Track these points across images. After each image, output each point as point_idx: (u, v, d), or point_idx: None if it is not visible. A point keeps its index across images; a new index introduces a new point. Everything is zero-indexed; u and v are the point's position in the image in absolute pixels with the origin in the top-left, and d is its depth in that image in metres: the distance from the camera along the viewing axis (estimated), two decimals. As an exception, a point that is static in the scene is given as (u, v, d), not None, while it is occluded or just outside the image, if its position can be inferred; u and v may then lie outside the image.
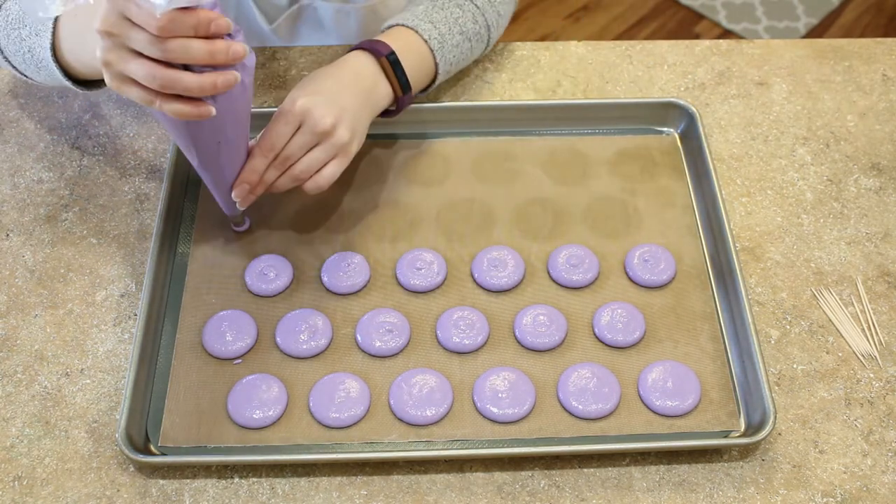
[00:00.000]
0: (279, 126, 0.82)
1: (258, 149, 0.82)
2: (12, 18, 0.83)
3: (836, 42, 1.13)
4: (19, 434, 0.80)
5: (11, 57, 0.85)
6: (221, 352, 0.83)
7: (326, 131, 0.82)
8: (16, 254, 0.91)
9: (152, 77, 0.66)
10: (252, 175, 0.82)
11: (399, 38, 0.91)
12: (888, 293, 0.89)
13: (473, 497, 0.76)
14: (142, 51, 0.66)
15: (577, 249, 0.90)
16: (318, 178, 0.84)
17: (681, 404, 0.80)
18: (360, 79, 0.87)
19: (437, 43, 0.94)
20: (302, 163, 0.83)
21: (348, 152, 0.85)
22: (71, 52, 0.79)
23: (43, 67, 0.82)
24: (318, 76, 0.86)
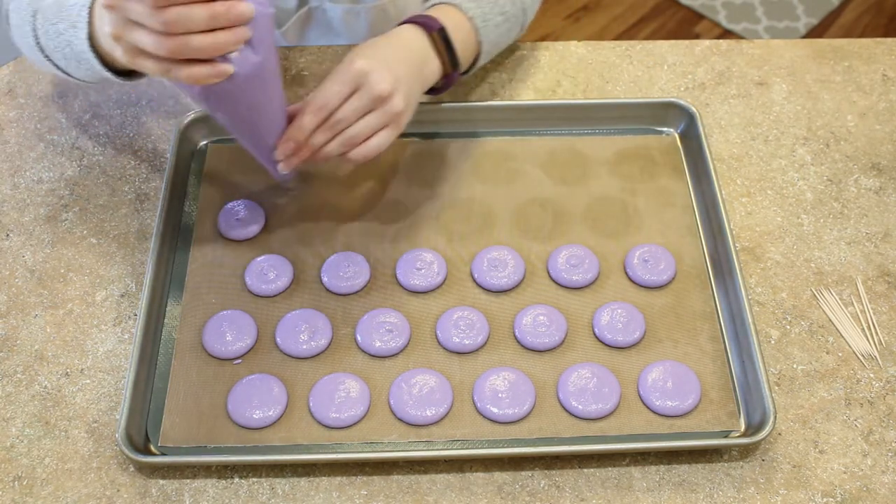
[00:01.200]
0: (334, 85, 0.79)
1: (308, 106, 0.80)
2: (50, 14, 0.82)
3: (836, 42, 1.13)
4: (19, 434, 0.80)
5: (52, 54, 0.84)
6: (221, 352, 0.83)
7: (383, 97, 0.79)
8: (16, 254, 0.91)
9: (160, 45, 0.65)
10: (298, 133, 0.80)
11: (446, 15, 0.90)
12: (888, 293, 0.89)
13: (473, 497, 0.76)
14: (143, 23, 0.65)
15: (577, 249, 0.90)
16: (366, 145, 0.81)
17: (681, 404, 0.80)
18: (413, 52, 0.85)
19: (481, 22, 0.93)
20: (354, 127, 0.80)
21: (400, 123, 0.82)
22: (107, 40, 0.77)
23: (83, 60, 0.81)
24: (374, 44, 0.84)
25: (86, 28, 0.79)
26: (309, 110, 0.80)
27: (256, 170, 0.97)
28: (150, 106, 1.04)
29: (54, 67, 0.87)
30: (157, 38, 0.65)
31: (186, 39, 0.65)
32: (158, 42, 0.65)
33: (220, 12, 0.65)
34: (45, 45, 0.84)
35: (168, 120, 1.03)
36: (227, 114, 0.76)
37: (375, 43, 0.84)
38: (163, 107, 1.04)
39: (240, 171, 0.97)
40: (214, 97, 0.73)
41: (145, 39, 0.66)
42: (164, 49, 0.65)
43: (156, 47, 0.66)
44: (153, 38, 0.65)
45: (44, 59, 0.86)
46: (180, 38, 0.65)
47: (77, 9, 0.80)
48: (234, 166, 0.98)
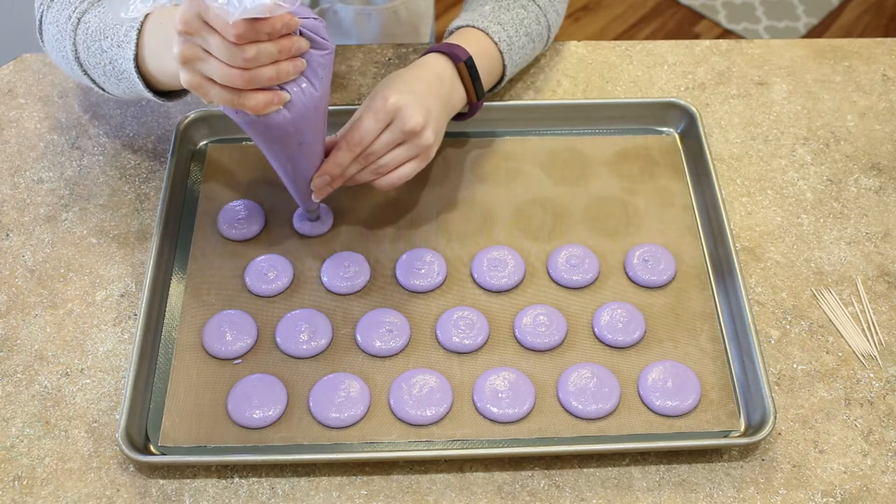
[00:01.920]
0: (369, 122, 0.81)
1: (345, 142, 0.82)
2: (92, 30, 0.83)
3: (836, 42, 1.13)
4: (19, 434, 0.80)
5: (91, 69, 0.86)
6: (221, 352, 0.83)
7: (415, 131, 0.82)
8: (16, 254, 0.91)
9: (232, 77, 0.67)
10: (335, 168, 0.83)
11: (472, 42, 0.91)
12: (888, 293, 0.89)
13: (473, 497, 0.76)
14: (217, 55, 0.66)
15: (577, 249, 0.90)
16: (394, 175, 0.84)
17: (681, 404, 0.80)
18: (441, 83, 0.87)
19: (507, 46, 0.94)
20: (384, 159, 0.83)
21: (429, 155, 0.85)
22: (155, 62, 0.79)
23: (123, 79, 0.83)
24: (404, 77, 0.85)
25: (133, 49, 0.80)
26: (344, 147, 0.82)
27: (256, 170, 0.98)
28: (150, 106, 1.04)
29: (90, 81, 0.88)
30: (230, 70, 0.67)
31: (257, 71, 0.67)
32: (231, 74, 0.67)
33: (286, 47, 0.68)
34: (84, 60, 0.85)
35: (168, 120, 1.03)
36: (277, 145, 0.77)
37: (406, 75, 0.86)
38: (163, 107, 1.04)
39: (240, 171, 0.97)
40: (271, 128, 0.74)
41: (218, 70, 0.67)
42: (237, 81, 0.67)
43: (228, 79, 0.67)
44: (226, 70, 0.67)
45: (81, 73, 0.87)
46: (251, 71, 0.67)
47: (125, 29, 0.81)
48: (234, 166, 0.98)
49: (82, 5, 0.86)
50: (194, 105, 1.04)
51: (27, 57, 1.10)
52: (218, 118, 0.99)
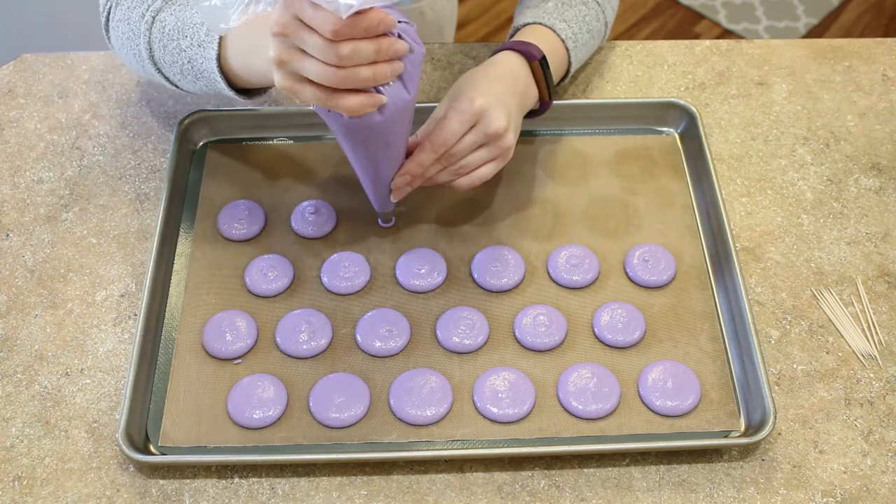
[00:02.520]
0: (454, 124, 0.81)
1: (429, 143, 0.82)
2: (169, 29, 0.84)
3: (836, 42, 1.13)
4: (19, 434, 0.80)
5: (166, 68, 0.86)
6: (221, 352, 0.83)
7: (498, 134, 0.82)
8: (16, 254, 0.91)
9: (329, 76, 0.67)
10: (417, 168, 0.83)
11: (541, 39, 0.91)
12: (888, 293, 0.89)
13: (473, 497, 0.76)
14: (314, 54, 0.66)
15: (577, 249, 0.90)
16: (473, 175, 0.84)
17: (681, 404, 0.80)
18: (517, 81, 0.87)
19: (572, 43, 0.94)
20: (465, 160, 0.83)
21: (508, 156, 0.85)
22: (239, 61, 0.80)
23: (202, 77, 0.83)
24: (483, 76, 0.85)
25: (215, 49, 0.80)
26: (428, 148, 0.82)
27: (256, 170, 0.98)
28: (150, 106, 1.04)
29: (163, 79, 0.88)
30: (326, 68, 0.67)
31: (354, 71, 0.67)
32: (327, 73, 0.67)
33: (384, 47, 0.67)
34: (159, 58, 0.86)
35: (168, 120, 1.03)
36: (362, 147, 0.78)
37: (485, 75, 0.86)
38: (163, 107, 1.04)
39: (240, 171, 0.97)
40: (361, 130, 0.74)
41: (314, 69, 0.67)
42: (333, 80, 0.67)
43: (323, 77, 0.67)
44: (322, 69, 0.67)
45: (154, 71, 0.88)
46: (348, 70, 0.67)
47: (206, 29, 0.81)
48: (234, 166, 0.98)
49: (155, 3, 0.86)
50: (194, 105, 1.04)
51: (27, 57, 1.10)
52: (218, 118, 0.99)
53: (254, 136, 1.00)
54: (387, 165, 0.82)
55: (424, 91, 1.06)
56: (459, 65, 1.09)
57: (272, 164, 0.98)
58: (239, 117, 0.99)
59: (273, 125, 1.00)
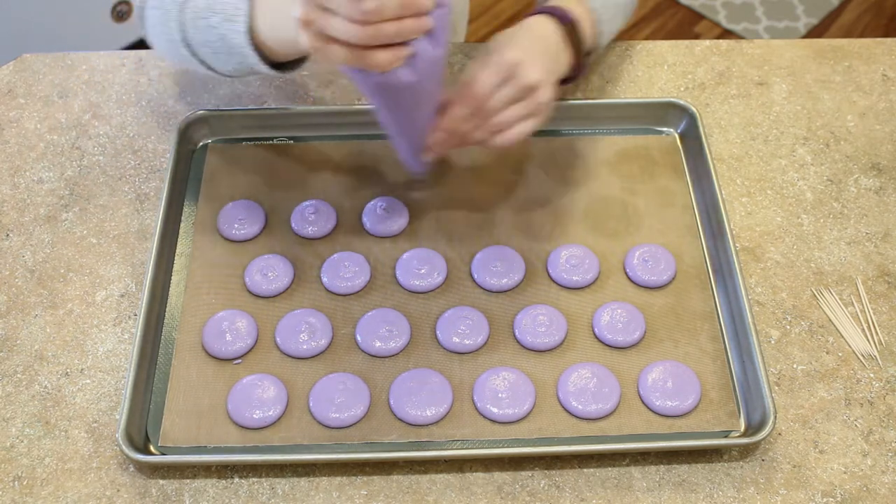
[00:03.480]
0: (488, 76, 0.80)
1: (462, 98, 0.81)
2: (200, 8, 0.83)
3: (836, 42, 1.13)
4: (19, 434, 0.80)
5: (198, 48, 0.85)
6: (221, 352, 0.83)
7: (533, 87, 0.80)
8: (16, 254, 0.91)
9: (355, 33, 0.67)
10: (452, 123, 0.82)
11: (572, 7, 0.90)
12: (888, 293, 0.89)
13: (473, 497, 0.76)
14: (338, 11, 0.66)
15: (577, 249, 0.90)
16: (510, 132, 0.82)
17: (681, 404, 0.80)
18: (550, 43, 0.86)
19: (601, 15, 0.93)
20: (500, 116, 0.82)
21: (543, 113, 0.83)
22: (269, 31, 0.79)
23: (234, 53, 0.83)
24: (516, 35, 0.84)
25: (245, 21, 0.80)
26: (463, 102, 0.81)
27: (256, 170, 0.98)
28: (150, 106, 1.04)
29: (197, 62, 0.87)
30: (352, 26, 0.66)
31: (379, 27, 0.67)
32: (353, 30, 0.67)
33: (408, 2, 0.67)
34: (192, 39, 0.85)
35: (168, 120, 1.03)
36: (395, 106, 0.77)
37: (517, 34, 0.84)
38: (163, 107, 1.04)
39: (240, 171, 0.97)
40: (391, 89, 0.74)
41: (340, 27, 0.67)
42: (360, 37, 0.67)
43: (350, 35, 0.67)
44: (348, 26, 0.67)
45: (188, 55, 0.87)
46: (374, 26, 0.67)
47: (234, 3, 0.81)
48: (234, 166, 0.98)
49: None
50: (194, 105, 1.04)
51: (27, 57, 1.10)
52: (218, 118, 0.99)
53: (254, 136, 1.00)
54: (419, 124, 0.81)
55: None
56: (459, 65, 1.09)
57: (272, 164, 0.98)
58: (239, 117, 0.99)
59: (273, 125, 1.00)
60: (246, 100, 1.05)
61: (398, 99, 0.76)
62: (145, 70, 1.08)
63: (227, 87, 1.06)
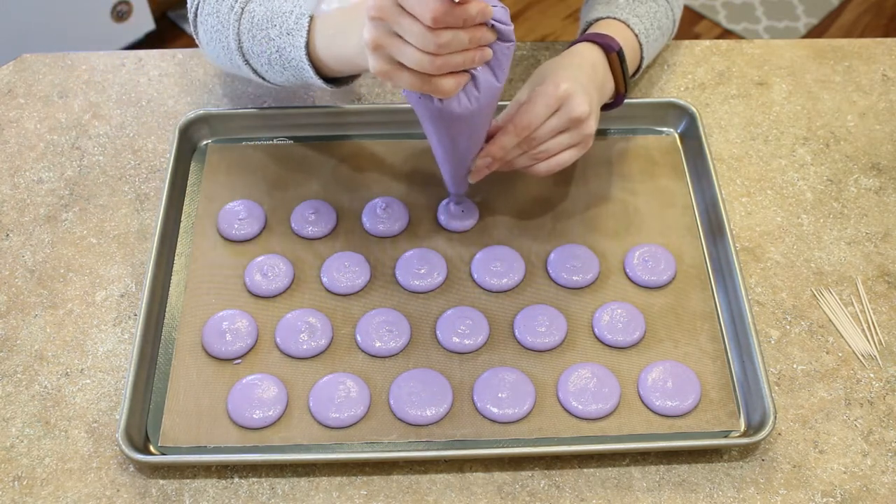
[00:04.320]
0: (538, 107, 0.82)
1: (512, 126, 0.82)
2: (258, 20, 0.84)
3: (836, 42, 1.13)
4: (19, 434, 0.80)
5: (254, 58, 0.86)
6: (221, 352, 0.83)
7: (581, 119, 0.82)
8: (16, 254, 0.91)
9: (427, 63, 0.67)
10: (499, 151, 0.83)
11: (616, 33, 0.91)
12: (888, 293, 0.89)
13: (473, 497, 0.76)
14: (411, 41, 0.66)
15: (577, 249, 0.90)
16: (553, 161, 0.84)
17: (681, 404, 0.80)
18: (596, 72, 0.87)
19: (644, 39, 0.94)
20: (546, 144, 0.83)
21: (588, 144, 0.85)
22: (327, 49, 0.80)
23: (290, 66, 0.83)
24: (565, 64, 0.86)
25: (304, 36, 0.80)
26: (511, 131, 0.82)
27: (256, 170, 0.98)
28: (150, 106, 1.04)
29: (250, 71, 0.88)
30: (424, 56, 0.67)
31: (448, 57, 0.68)
32: (425, 60, 0.67)
33: (477, 36, 0.68)
34: (248, 49, 0.85)
35: (168, 120, 1.03)
36: (447, 131, 0.78)
37: (567, 63, 0.86)
38: (163, 107, 1.04)
39: (240, 171, 0.97)
40: (448, 116, 0.75)
41: (411, 55, 0.67)
42: (431, 67, 0.67)
43: (420, 64, 0.67)
44: (420, 56, 0.67)
45: (242, 63, 0.87)
46: (444, 57, 0.67)
47: (294, 17, 0.81)
48: (234, 166, 0.98)
49: None
50: (194, 105, 1.04)
51: (27, 57, 1.10)
52: (218, 118, 0.99)
53: (254, 136, 1.00)
54: (468, 149, 0.82)
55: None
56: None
57: (272, 164, 0.98)
58: (239, 117, 0.99)
59: (273, 125, 1.00)
60: (246, 100, 1.05)
61: (454, 126, 0.77)
62: (145, 70, 1.08)
63: (227, 87, 1.06)
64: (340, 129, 1.01)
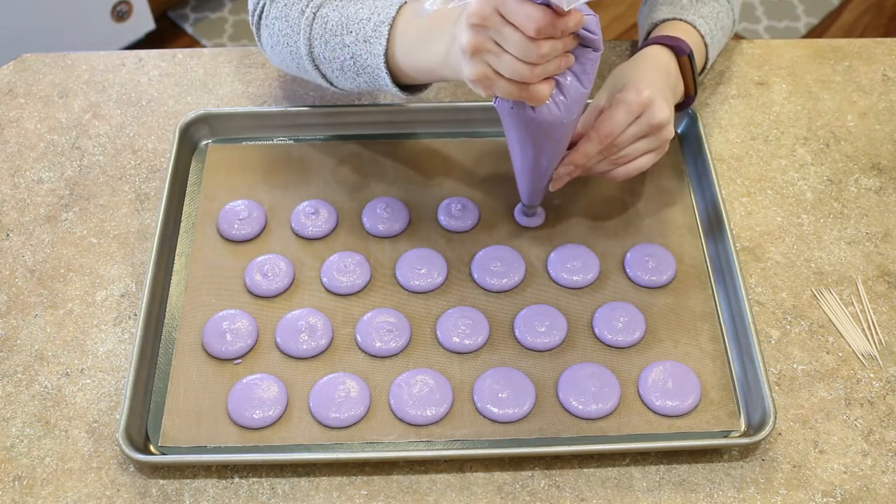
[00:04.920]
0: (621, 115, 0.82)
1: (595, 134, 0.83)
2: (332, 25, 0.83)
3: (836, 42, 1.13)
4: (19, 434, 0.80)
5: (324, 64, 0.86)
6: (221, 352, 0.83)
7: (661, 125, 0.82)
8: (16, 254, 0.91)
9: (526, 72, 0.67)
10: (583, 158, 0.84)
11: (684, 35, 0.91)
12: (888, 293, 0.89)
13: (473, 497, 0.76)
14: (512, 51, 0.66)
15: (577, 249, 0.90)
16: (631, 166, 0.85)
17: (681, 404, 0.80)
18: (669, 76, 0.88)
19: (710, 40, 0.95)
20: (625, 150, 0.84)
21: (665, 149, 0.85)
22: (407, 56, 0.80)
23: (365, 73, 0.83)
24: (642, 69, 0.86)
25: (383, 45, 0.80)
26: (594, 138, 0.83)
27: (256, 170, 0.98)
28: (150, 106, 1.04)
29: (318, 76, 0.88)
30: (524, 66, 0.67)
31: (546, 66, 0.68)
32: (525, 70, 0.67)
33: (569, 45, 0.69)
34: (319, 55, 0.85)
35: (168, 120, 1.03)
36: (532, 139, 0.78)
37: (643, 68, 0.86)
38: (163, 107, 1.04)
39: (240, 171, 0.97)
40: (537, 124, 0.75)
41: (511, 65, 0.67)
42: (527, 76, 0.67)
43: (519, 74, 0.67)
44: (519, 66, 0.67)
45: (311, 67, 0.87)
46: (542, 66, 0.67)
47: (372, 24, 0.81)
48: (234, 166, 0.98)
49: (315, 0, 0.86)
50: (194, 105, 1.04)
51: (27, 57, 1.10)
52: (218, 118, 0.99)
53: (254, 136, 1.00)
54: (551, 159, 0.82)
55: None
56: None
57: (272, 164, 0.98)
58: (239, 117, 0.99)
59: (273, 125, 1.00)
60: (246, 100, 1.05)
61: (542, 134, 0.77)
62: (145, 70, 1.08)
63: (227, 87, 1.06)
64: (340, 130, 1.01)
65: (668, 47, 0.89)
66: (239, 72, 1.08)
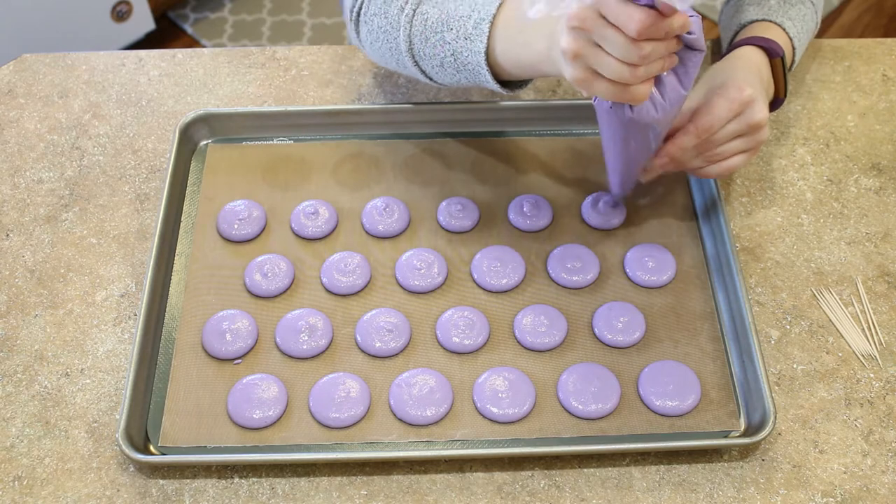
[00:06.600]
0: (721, 110, 0.82)
1: (693, 127, 0.82)
2: (432, 22, 0.83)
3: (836, 42, 1.13)
4: (19, 434, 0.80)
5: (424, 59, 0.86)
6: (221, 352, 0.83)
7: (759, 125, 0.82)
8: (16, 254, 0.91)
9: (629, 74, 0.67)
10: (678, 151, 0.84)
11: (774, 36, 0.91)
12: (888, 293, 0.89)
13: (473, 497, 0.76)
14: (613, 52, 0.66)
15: (577, 249, 0.90)
16: (724, 164, 0.85)
17: (681, 404, 0.80)
18: (762, 77, 0.88)
19: (797, 42, 0.95)
20: (721, 147, 0.84)
21: (757, 151, 0.85)
22: (507, 53, 0.79)
23: (464, 70, 0.83)
24: (739, 68, 0.86)
25: (484, 42, 0.80)
26: (692, 132, 0.83)
27: (256, 170, 0.98)
28: (150, 106, 1.04)
29: (418, 72, 0.88)
30: (625, 67, 0.67)
31: (648, 67, 0.68)
32: (626, 71, 0.67)
33: (672, 47, 0.68)
34: (419, 51, 0.85)
35: (168, 120, 1.03)
36: (627, 136, 0.79)
37: (739, 67, 0.86)
38: (163, 107, 1.04)
39: (240, 171, 0.97)
40: (635, 123, 0.75)
41: (612, 66, 0.67)
42: (628, 77, 0.67)
43: (620, 75, 0.67)
44: (620, 67, 0.67)
45: (410, 63, 0.87)
46: (644, 67, 0.67)
47: (473, 22, 0.81)
48: (234, 166, 0.98)
49: None
50: (194, 105, 1.04)
51: (27, 57, 1.10)
52: (218, 118, 0.99)
53: (254, 136, 1.00)
54: (644, 154, 0.83)
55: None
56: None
57: (272, 164, 0.98)
58: (239, 117, 0.99)
59: (273, 125, 1.00)
60: (246, 100, 1.05)
61: (638, 132, 0.78)
62: (145, 70, 1.08)
63: (227, 87, 1.06)
64: (340, 129, 1.01)
65: (761, 48, 0.89)
66: (239, 72, 1.08)
